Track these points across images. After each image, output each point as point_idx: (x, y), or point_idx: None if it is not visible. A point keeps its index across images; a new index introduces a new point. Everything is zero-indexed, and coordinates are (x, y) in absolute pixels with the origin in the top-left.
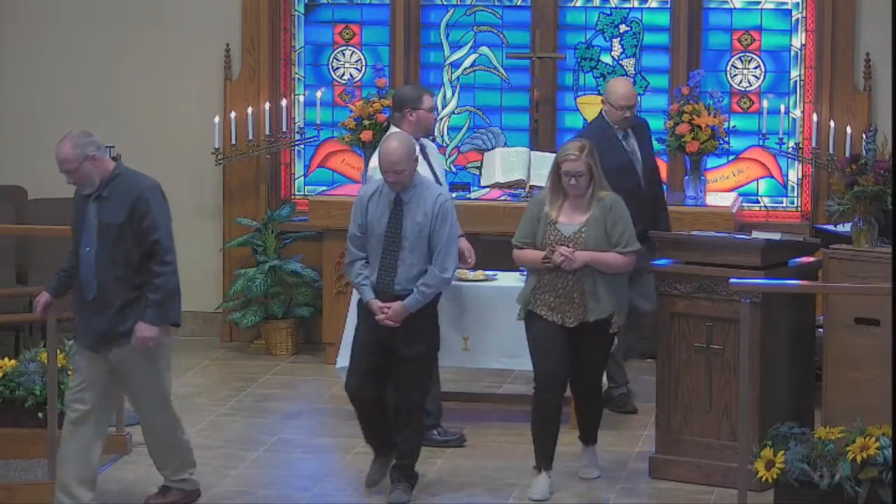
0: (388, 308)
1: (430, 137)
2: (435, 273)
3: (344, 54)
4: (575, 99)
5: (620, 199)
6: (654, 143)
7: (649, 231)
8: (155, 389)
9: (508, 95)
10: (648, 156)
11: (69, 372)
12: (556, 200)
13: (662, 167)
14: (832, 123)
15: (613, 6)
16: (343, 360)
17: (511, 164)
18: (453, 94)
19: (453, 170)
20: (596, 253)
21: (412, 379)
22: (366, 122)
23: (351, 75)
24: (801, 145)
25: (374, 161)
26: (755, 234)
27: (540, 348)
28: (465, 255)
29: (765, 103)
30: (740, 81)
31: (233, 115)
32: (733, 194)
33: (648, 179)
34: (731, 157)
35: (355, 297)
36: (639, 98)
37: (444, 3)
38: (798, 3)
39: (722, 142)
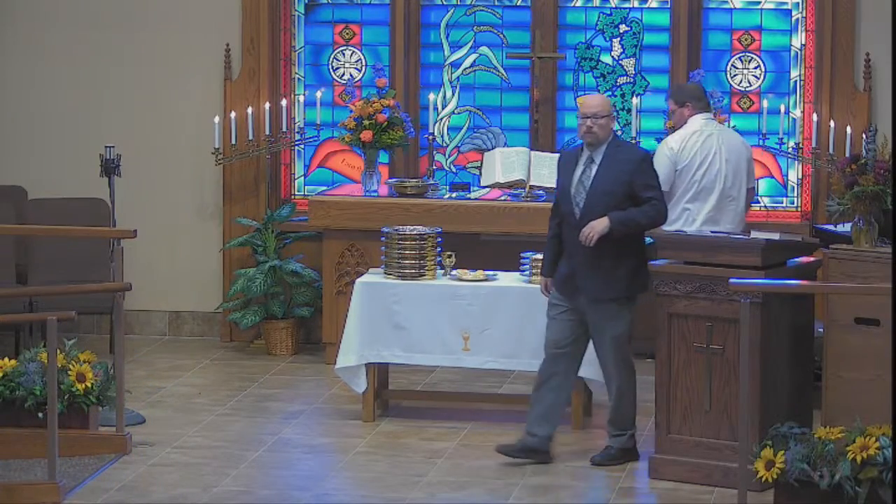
0: None
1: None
2: None
3: (344, 54)
4: (575, 99)
5: None
6: (654, 143)
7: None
8: None
9: (508, 95)
10: (607, 185)
11: (69, 372)
12: None
13: None
14: (832, 123)
15: (613, 6)
16: (343, 360)
17: (511, 164)
18: (453, 94)
19: (453, 170)
20: None
21: None
22: (366, 122)
23: (351, 75)
24: (800, 145)
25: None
26: (755, 234)
27: None
28: None
29: (765, 103)
30: (740, 81)
31: (233, 115)
32: None
33: (590, 211)
34: None
35: (356, 296)
36: (611, 114)
37: (444, 3)
38: (798, 3)
39: None
